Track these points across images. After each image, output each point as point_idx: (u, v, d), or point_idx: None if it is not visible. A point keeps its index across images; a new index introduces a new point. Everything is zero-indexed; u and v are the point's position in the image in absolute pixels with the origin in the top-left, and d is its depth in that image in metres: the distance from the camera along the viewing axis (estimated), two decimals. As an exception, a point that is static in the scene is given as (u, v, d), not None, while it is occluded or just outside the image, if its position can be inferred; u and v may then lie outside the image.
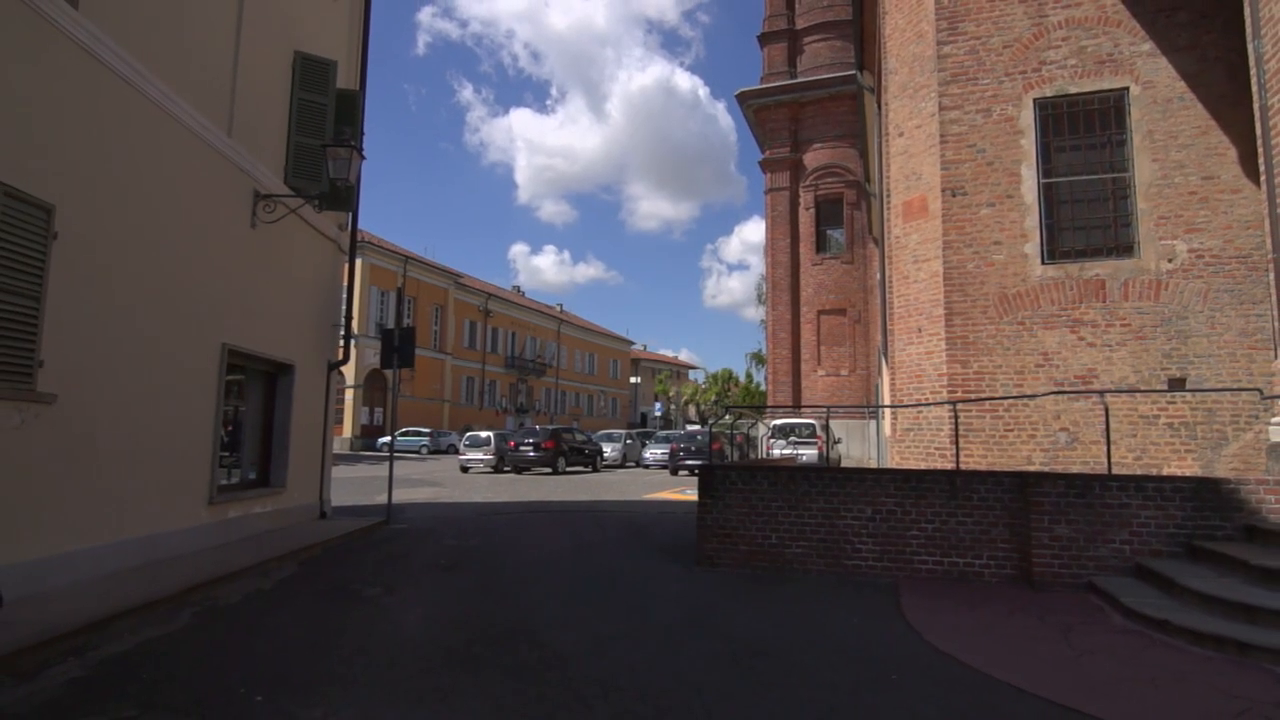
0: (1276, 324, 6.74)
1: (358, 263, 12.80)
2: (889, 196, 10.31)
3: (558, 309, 64.71)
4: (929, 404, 9.00)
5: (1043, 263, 8.63)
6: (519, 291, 63.41)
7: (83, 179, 5.66)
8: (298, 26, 9.41)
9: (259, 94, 8.48)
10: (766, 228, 27.07)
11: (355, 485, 15.99)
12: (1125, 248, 8.45)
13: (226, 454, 8.28)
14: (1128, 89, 8.52)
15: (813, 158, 26.19)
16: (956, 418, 8.48)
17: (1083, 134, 8.76)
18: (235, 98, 7.95)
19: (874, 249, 20.62)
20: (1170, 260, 8.23)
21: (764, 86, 26.42)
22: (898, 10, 10.01)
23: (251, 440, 8.96)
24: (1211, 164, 8.22)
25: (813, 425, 20.90)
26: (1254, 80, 6.67)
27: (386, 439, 29.24)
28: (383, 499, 11.25)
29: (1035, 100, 8.82)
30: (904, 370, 9.50)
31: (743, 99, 26.70)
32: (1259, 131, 6.63)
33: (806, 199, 26.19)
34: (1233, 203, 8.12)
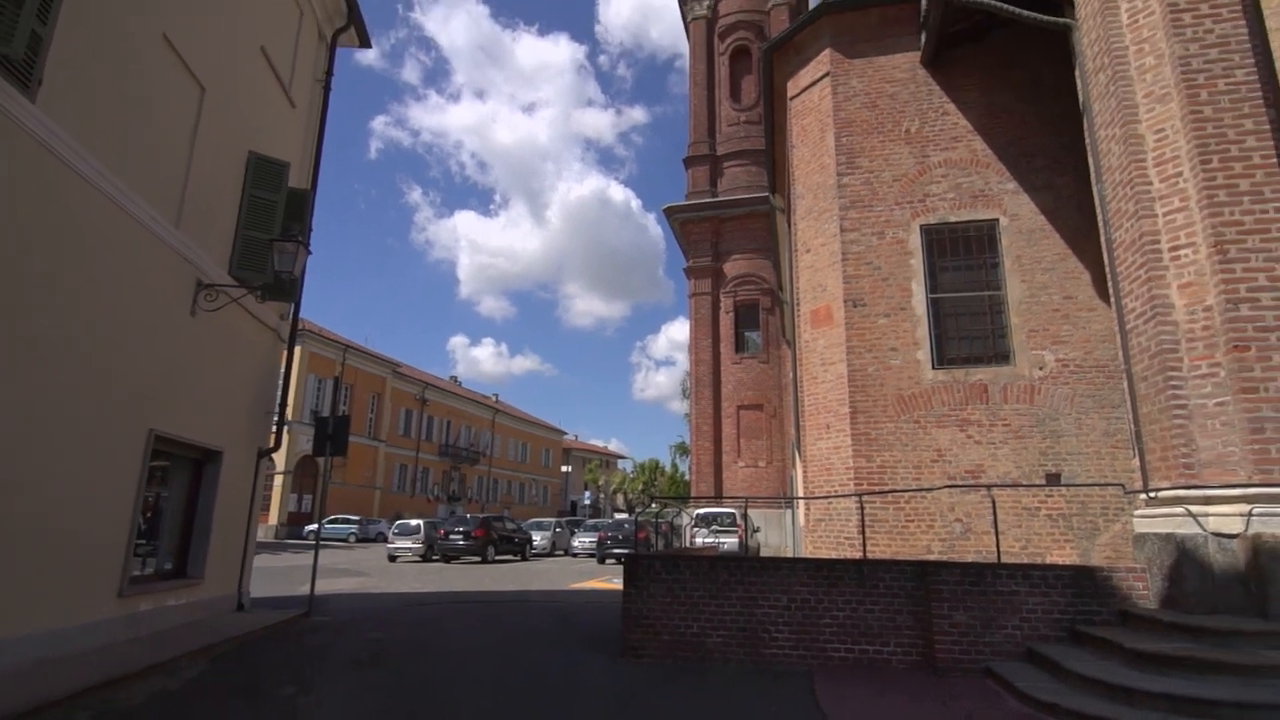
0: (1132, 427, 7.24)
1: (297, 350, 12.43)
2: (799, 305, 10.80)
3: (493, 399, 63.81)
4: (838, 495, 9.16)
5: (933, 368, 9.11)
6: (456, 381, 62.42)
7: (7, 258, 5.37)
8: (254, 129, 9.43)
9: (211, 189, 8.37)
10: (690, 328, 27.77)
11: (278, 575, 14.93)
12: (1003, 356, 9.03)
13: (143, 542, 7.64)
14: (998, 220, 9.34)
15: (732, 267, 27.31)
16: (863, 509, 8.65)
17: (963, 256, 9.48)
18: (186, 192, 7.82)
19: (787, 350, 21.37)
20: (1041, 368, 8.82)
21: (688, 203, 27.70)
22: (803, 145, 10.80)
23: (171, 528, 8.33)
24: (1070, 286, 8.99)
25: (733, 514, 20.87)
26: (1100, 217, 7.41)
27: (314, 527, 27.66)
28: (306, 590, 10.52)
29: (921, 226, 9.54)
30: (815, 463, 9.69)
31: (669, 213, 27.87)
32: (1106, 260, 7.32)
33: (726, 304, 27.12)
34: (1089, 319, 8.85)
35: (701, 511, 21.90)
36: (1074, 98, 8.13)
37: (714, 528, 20.23)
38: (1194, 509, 5.82)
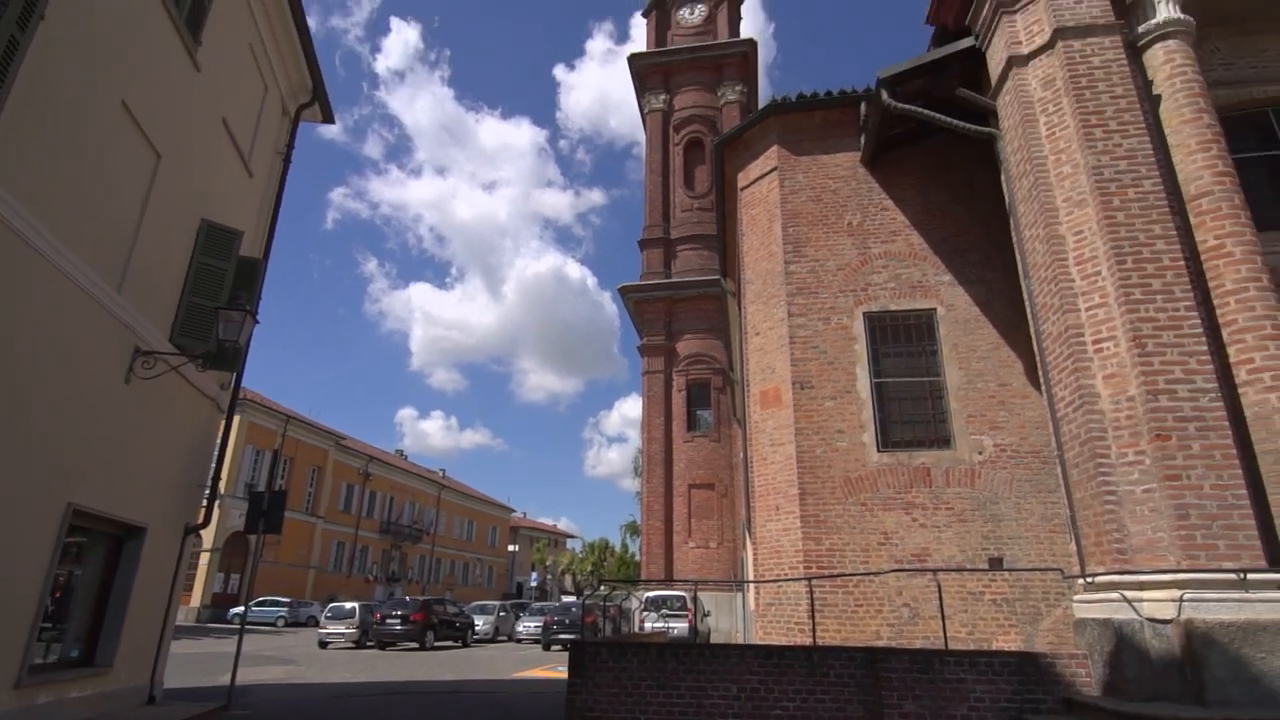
0: (1068, 512, 7.45)
1: (236, 421, 11.98)
2: (749, 385, 10.97)
3: (440, 474, 62.10)
4: (787, 579, 9.09)
5: (878, 450, 9.28)
6: (402, 455, 60.69)
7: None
8: (209, 197, 9.38)
9: (158, 255, 8.22)
10: (643, 406, 27.82)
11: (197, 663, 13.86)
12: (944, 440, 9.28)
13: (49, 626, 7.05)
14: (935, 310, 9.78)
15: (685, 346, 27.72)
16: (812, 593, 8.58)
17: (904, 343, 9.84)
18: (133, 257, 7.66)
19: (738, 430, 21.52)
20: (980, 453, 9.08)
21: (642, 284, 28.28)
22: (752, 233, 11.24)
23: (82, 611, 7.71)
24: (1004, 373, 9.38)
25: (684, 598, 20.42)
26: (1029, 310, 7.84)
27: (240, 609, 25.95)
28: (226, 679, 9.77)
29: (864, 313, 9.92)
30: (765, 545, 9.63)
31: (624, 292, 28.36)
32: (1036, 350, 7.70)
33: (679, 382, 27.36)
34: (1023, 406, 9.21)
35: (651, 594, 21.35)
36: (1002, 199, 8.71)
37: (664, 612, 19.71)
38: (1129, 594, 5.95)
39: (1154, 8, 7.57)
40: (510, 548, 67.64)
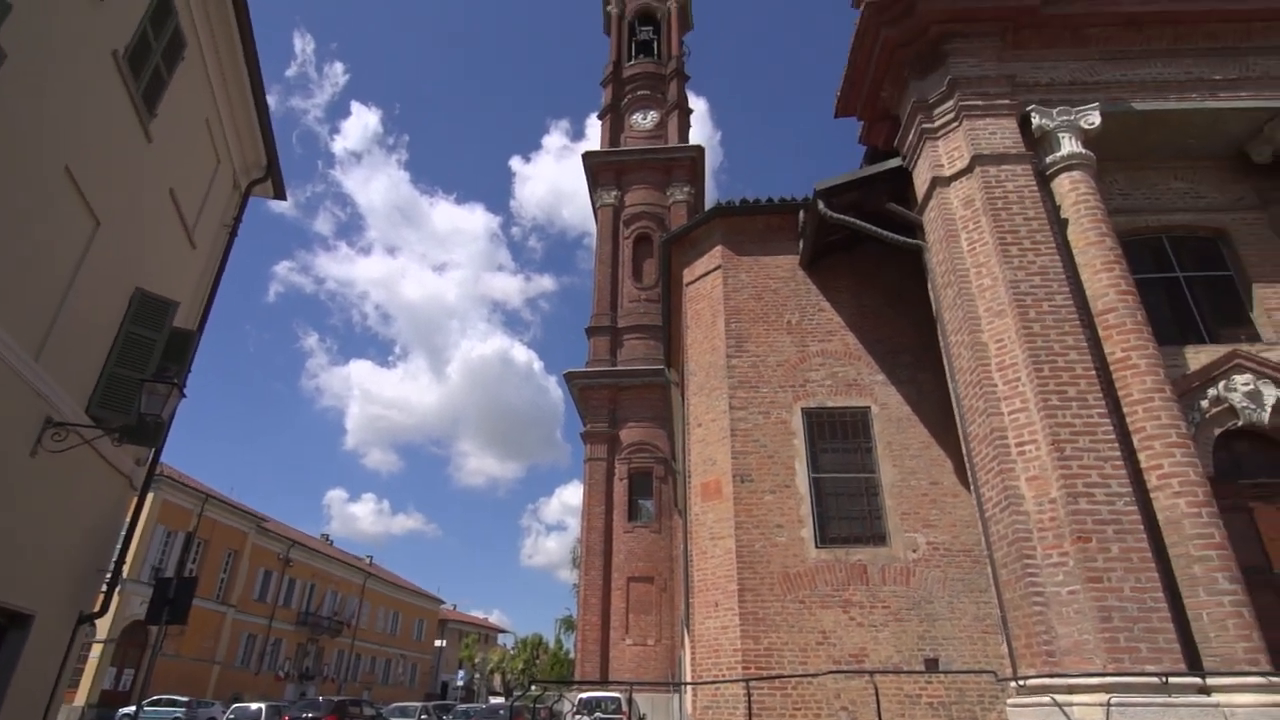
0: (999, 612, 7.54)
1: (149, 498, 11.25)
2: (690, 477, 10.96)
3: (367, 561, 58.94)
4: (724, 680, 8.82)
5: (816, 546, 9.30)
6: (327, 540, 57.56)
7: None
8: (147, 266, 9.14)
9: (84, 322, 7.88)
10: (585, 493, 27.35)
11: (71, 773, 12.35)
12: (879, 537, 9.37)
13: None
14: (870, 408, 10.09)
15: (628, 434, 27.65)
16: (750, 696, 8.33)
17: (841, 439, 10.07)
18: (56, 324, 7.33)
19: (679, 521, 21.29)
20: (914, 551, 9.19)
21: (588, 370, 28.41)
22: (696, 327, 11.54)
23: (-59, 714, 6.87)
24: (936, 472, 9.64)
25: (619, 700, 19.49)
26: (956, 412, 8.17)
27: (130, 709, 23.52)
28: (103, 793, 8.72)
29: (803, 409, 10.15)
30: (703, 644, 9.38)
31: (570, 378, 28.38)
32: (965, 451, 7.98)
33: (621, 470, 27.11)
34: (955, 505, 9.43)
35: (585, 696, 20.31)
36: (930, 304, 9.22)
37: (598, 715, 18.72)
38: (1059, 698, 5.99)
39: (1059, 142, 8.38)
40: (437, 643, 63.83)
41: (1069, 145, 8.33)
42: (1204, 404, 7.69)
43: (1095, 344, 7.37)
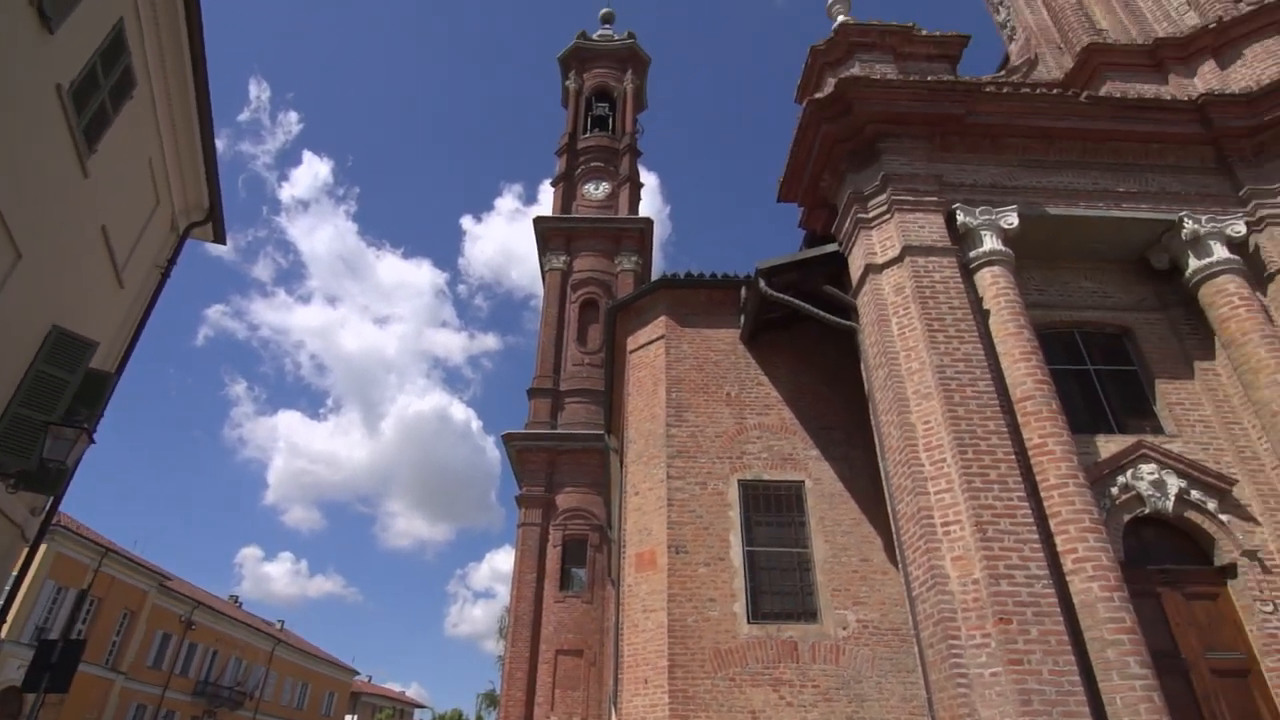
0: (925, 693, 7.55)
1: (41, 551, 10.38)
2: (625, 546, 10.79)
3: (278, 626, 55.21)
4: (650, 761, 8.48)
5: (748, 621, 9.20)
6: (236, 602, 53.84)
7: None
8: (68, 303, 8.70)
9: (-14, 361, 7.40)
10: (516, 559, 26.49)
11: None
12: (810, 614, 9.35)
13: None
14: (804, 482, 10.23)
15: (564, 499, 27.14)
16: (675, 778, 8.02)
17: (775, 513, 10.13)
18: (-47, 361, 6.86)
19: (611, 592, 20.79)
20: (844, 628, 9.19)
21: (527, 432, 27.99)
22: (638, 395, 11.59)
23: None
24: (866, 549, 9.76)
25: (538, 781, 18.43)
26: (886, 490, 8.36)
27: (-12, 792, 20.96)
28: None
29: (739, 481, 10.22)
30: (629, 722, 9.04)
31: (508, 439, 27.88)
32: (894, 529, 8.13)
33: (555, 537, 26.45)
34: (884, 582, 9.53)
35: (503, 777, 19.14)
36: (863, 383, 9.52)
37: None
38: (981, 783, 5.97)
39: (981, 239, 8.96)
40: (348, 718, 59.58)
41: (990, 242, 8.91)
42: (1114, 491, 8.08)
43: (1015, 429, 7.72)
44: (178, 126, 10.51)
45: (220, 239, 12.50)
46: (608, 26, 37.18)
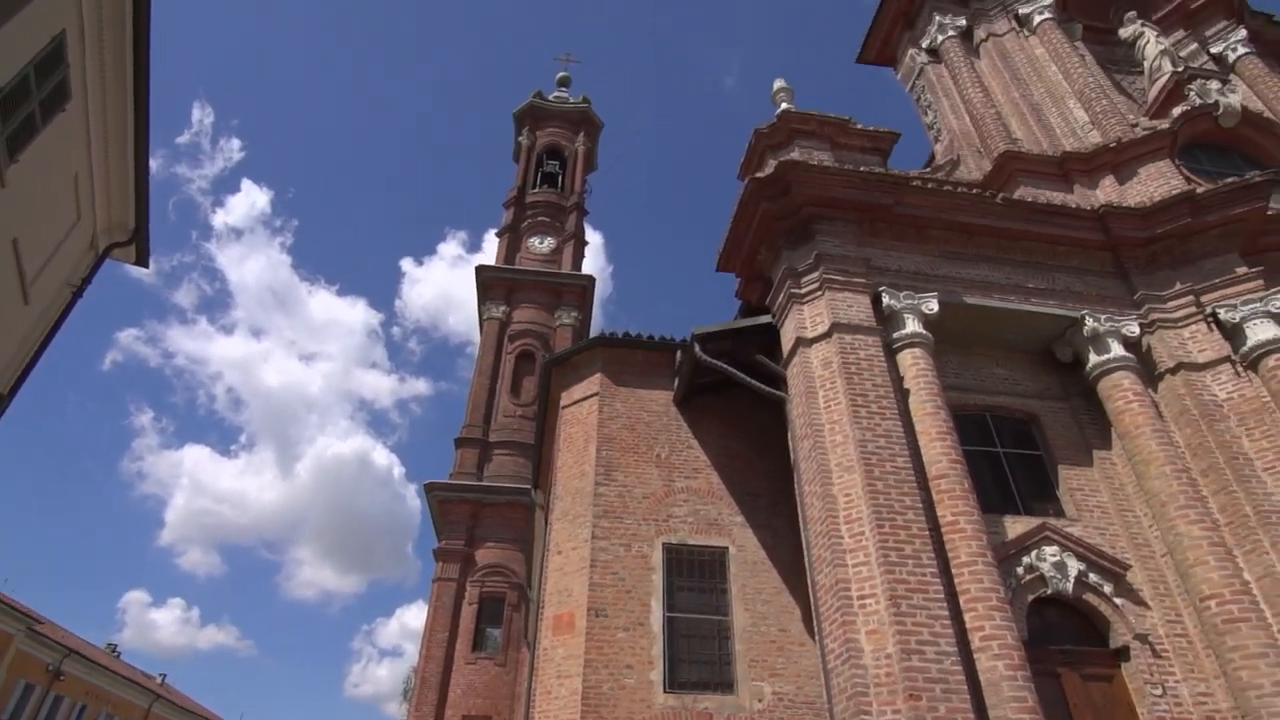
0: (835, 769, 7.48)
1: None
2: (544, 607, 10.48)
3: (158, 680, 50.66)
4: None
5: (665, 691, 9.00)
6: (114, 651, 49.24)
7: None
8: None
9: None
10: (429, 616, 25.29)
11: None
12: (728, 684, 9.22)
13: None
14: (728, 549, 10.24)
15: (484, 554, 26.27)
16: None
17: (698, 579, 10.06)
18: None
19: (527, 654, 20.03)
20: (760, 700, 9.09)
21: (451, 482, 27.18)
22: (568, 450, 11.48)
23: None
24: (785, 619, 9.77)
25: None
26: (806, 560, 8.44)
27: None
28: None
29: (664, 544, 10.15)
30: (534, 796, 8.61)
31: (430, 489, 26.99)
32: (812, 600, 8.18)
33: (472, 594, 25.45)
34: (800, 654, 9.52)
35: None
36: (789, 452, 9.71)
37: None
38: None
39: (904, 321, 9.42)
40: (227, 785, 54.50)
41: (912, 325, 9.37)
42: (1020, 571, 8.38)
43: (929, 506, 7.97)
44: (111, 144, 10.13)
45: (143, 261, 11.96)
46: (564, 89, 38.25)
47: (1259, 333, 9.27)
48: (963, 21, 14.66)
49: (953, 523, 7.81)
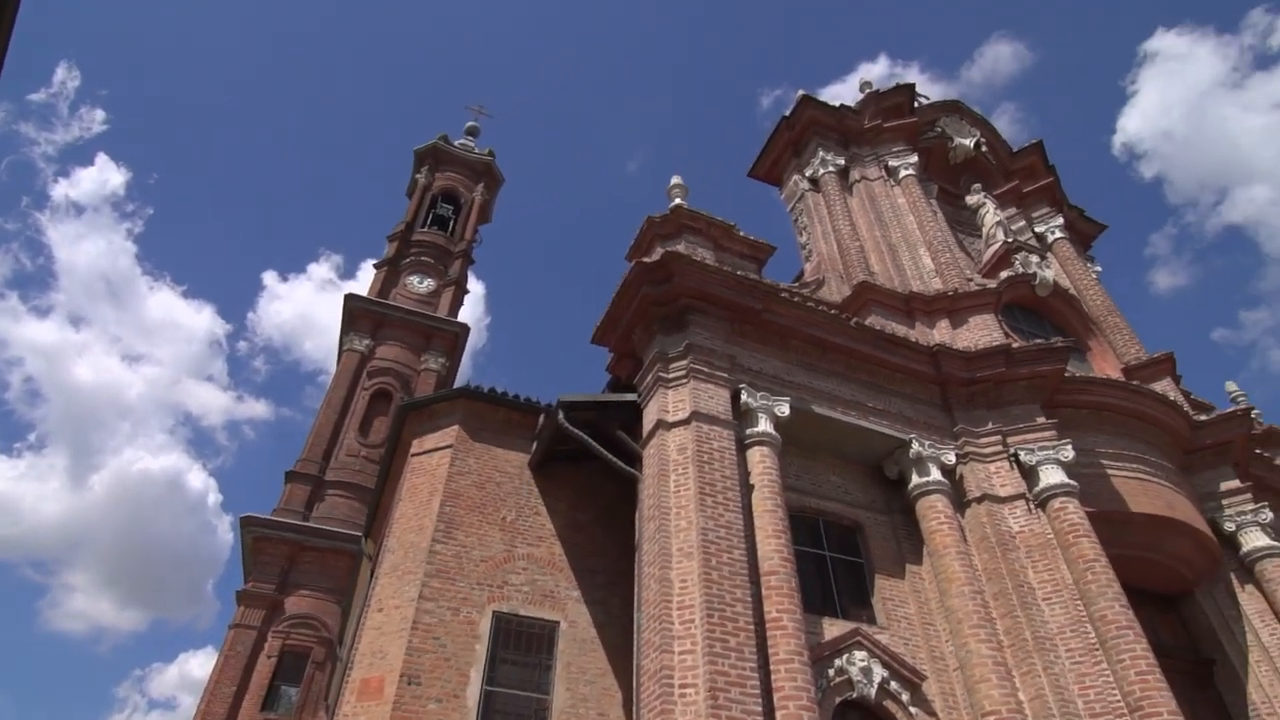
0: None
1: None
2: (352, 668, 9.67)
3: None
4: None
5: (469, 771, 8.46)
6: None
7: None
8: None
9: None
10: (216, 666, 22.47)
11: None
12: (537, 768, 8.82)
13: None
14: (559, 624, 10.00)
15: (295, 603, 23.94)
16: None
17: (524, 652, 9.71)
18: None
19: (325, 718, 18.18)
20: (567, 787, 8.74)
21: (272, 518, 24.85)
22: (410, 501, 10.93)
23: None
24: (605, 703, 9.57)
25: None
26: (635, 643, 8.39)
27: None
28: None
29: (494, 612, 9.75)
30: None
31: (246, 523, 24.52)
32: (634, 685, 8.10)
33: (273, 645, 22.97)
34: (616, 740, 9.31)
35: None
36: (634, 532, 9.77)
37: None
38: None
39: (758, 419, 9.93)
40: None
41: (764, 424, 9.90)
42: (831, 672, 8.76)
43: (758, 601, 8.24)
44: (-59, 89, 8.95)
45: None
46: (471, 138, 38.31)
47: (1049, 477, 10.57)
48: (842, 161, 16.31)
49: (776, 619, 8.10)
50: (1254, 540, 11.78)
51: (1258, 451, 13.73)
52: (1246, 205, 76.13)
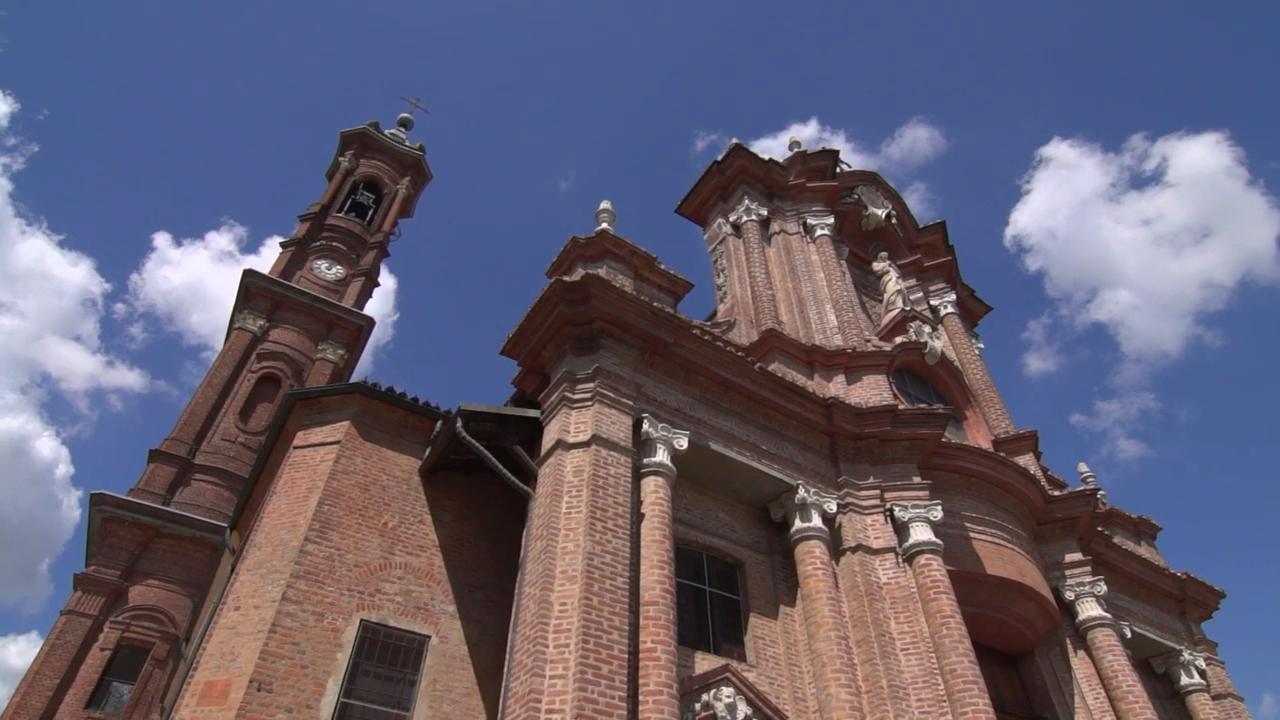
0: None
1: None
2: (196, 669, 8.94)
3: None
4: None
5: (312, 787, 7.96)
6: None
7: None
8: None
9: None
10: (39, 655, 20.26)
11: None
12: (386, 788, 8.40)
13: None
14: (430, 639, 9.64)
15: (141, 593, 21.97)
16: None
17: (389, 665, 9.29)
18: None
19: (154, 722, 16.64)
20: (416, 809, 8.35)
21: (126, 498, 22.83)
22: (285, 495, 10.32)
23: None
24: (468, 723, 9.25)
25: None
26: (507, 664, 8.20)
27: None
28: None
29: (362, 621, 9.30)
30: None
31: (97, 501, 22.41)
32: (500, 708, 7.89)
33: (109, 637, 20.95)
34: (473, 763, 9.00)
35: None
36: (519, 551, 9.59)
37: None
38: None
39: (656, 449, 10.03)
40: None
41: (662, 455, 10.01)
42: (698, 706, 8.85)
43: (635, 629, 8.24)
44: None
45: None
46: (403, 129, 37.29)
47: (919, 534, 11.18)
48: (765, 212, 16.95)
49: (650, 650, 8.12)
50: (1089, 610, 12.84)
51: (1100, 529, 15.07)
52: (1112, 306, 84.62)
